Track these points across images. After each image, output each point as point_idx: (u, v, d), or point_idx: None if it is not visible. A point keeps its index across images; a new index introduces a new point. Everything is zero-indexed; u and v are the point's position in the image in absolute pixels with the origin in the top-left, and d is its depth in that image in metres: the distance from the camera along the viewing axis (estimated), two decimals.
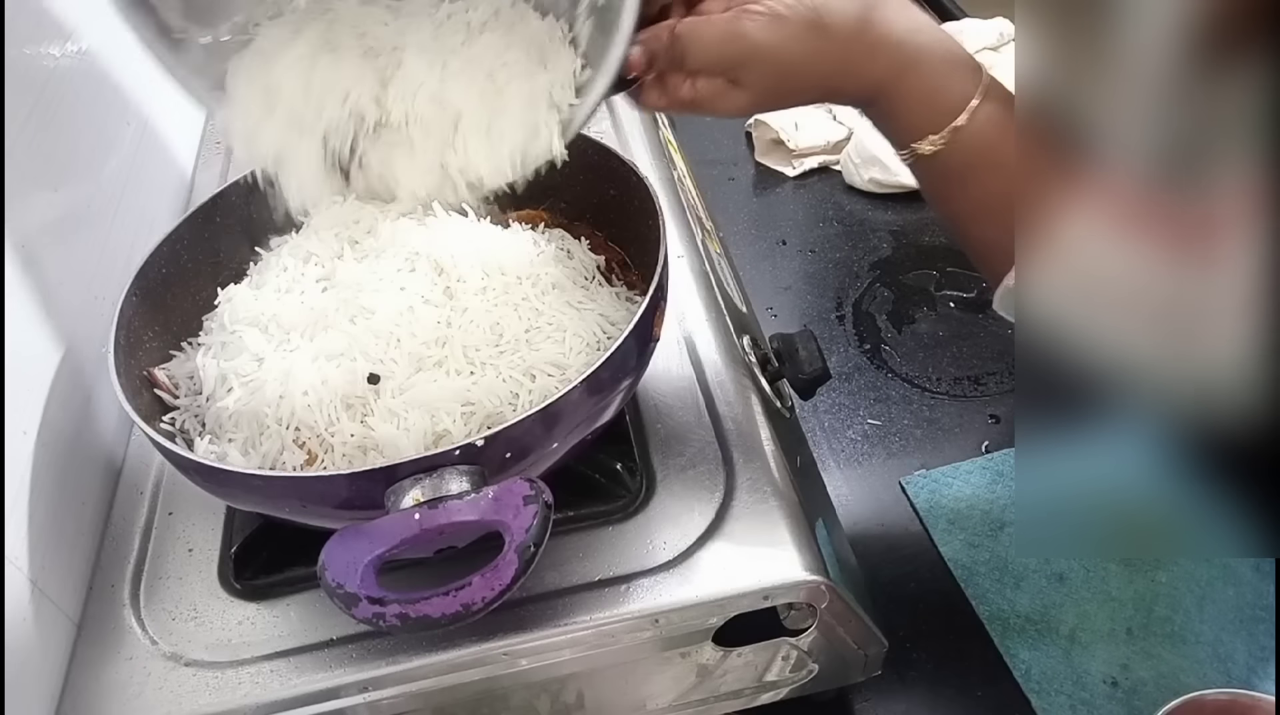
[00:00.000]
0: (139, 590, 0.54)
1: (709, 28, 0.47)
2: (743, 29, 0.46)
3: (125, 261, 0.55)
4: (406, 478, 0.42)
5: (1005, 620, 0.67)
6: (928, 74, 0.47)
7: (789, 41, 0.46)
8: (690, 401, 0.59)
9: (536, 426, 0.44)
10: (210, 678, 0.49)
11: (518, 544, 0.40)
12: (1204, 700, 0.51)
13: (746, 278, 0.81)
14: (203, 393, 0.53)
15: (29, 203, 0.57)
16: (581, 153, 0.60)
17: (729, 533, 0.52)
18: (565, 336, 0.51)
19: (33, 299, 0.56)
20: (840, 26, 0.46)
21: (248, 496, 0.48)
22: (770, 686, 0.59)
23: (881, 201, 1.07)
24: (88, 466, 0.59)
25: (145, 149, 0.77)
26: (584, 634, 0.50)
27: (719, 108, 0.49)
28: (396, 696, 0.50)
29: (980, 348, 0.90)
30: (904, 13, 0.48)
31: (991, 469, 0.78)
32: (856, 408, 0.85)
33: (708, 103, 0.49)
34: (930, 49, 0.48)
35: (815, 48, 0.46)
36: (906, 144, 0.50)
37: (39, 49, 0.62)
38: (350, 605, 0.40)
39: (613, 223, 0.61)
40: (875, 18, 0.47)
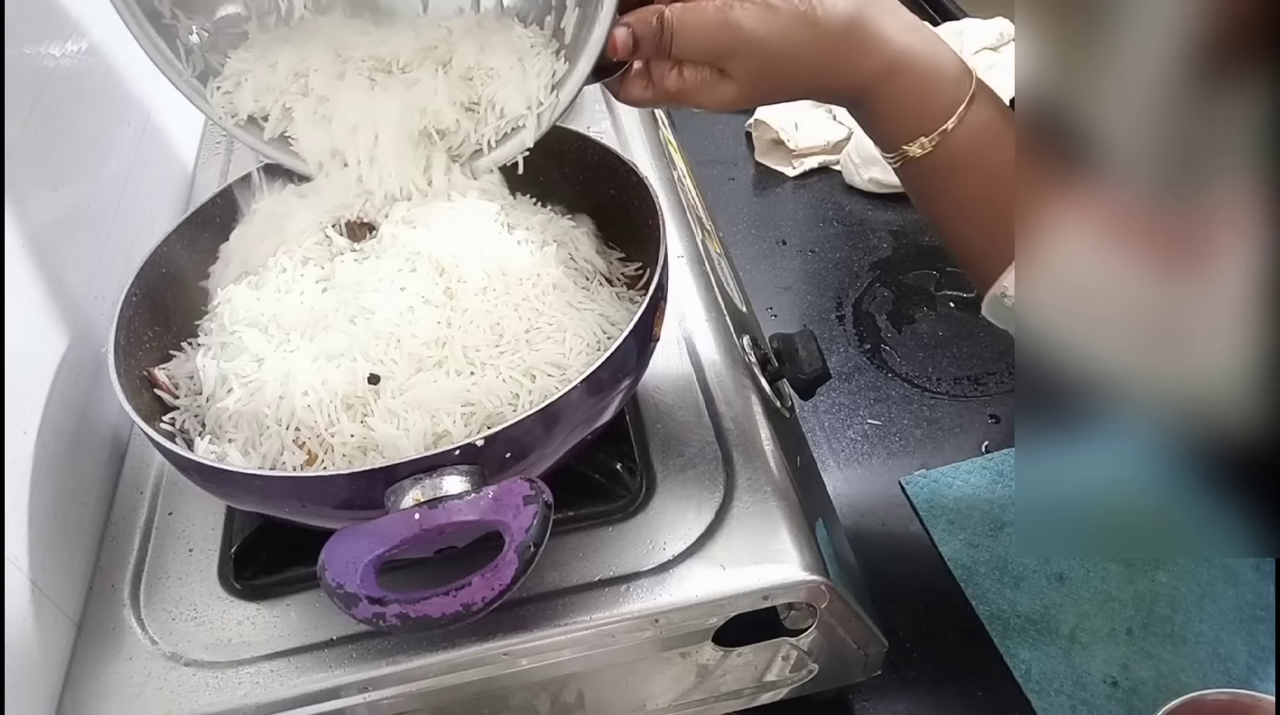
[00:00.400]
0: (139, 590, 0.54)
1: (700, 14, 0.46)
2: (734, 18, 0.46)
3: (125, 261, 0.55)
4: (406, 478, 0.42)
5: (1005, 620, 0.67)
6: (917, 75, 0.47)
7: (780, 33, 0.46)
8: (690, 401, 0.59)
9: (536, 426, 0.44)
10: (210, 678, 0.49)
11: (518, 544, 0.40)
12: (1204, 700, 0.51)
13: (746, 278, 0.81)
14: (203, 393, 0.53)
15: (29, 202, 0.57)
16: (581, 153, 0.60)
17: (729, 533, 0.52)
18: (565, 337, 0.51)
19: (33, 299, 0.56)
20: (832, 21, 0.46)
21: (248, 496, 0.48)
22: (770, 686, 0.59)
23: (881, 201, 1.07)
24: (88, 467, 0.59)
25: (145, 149, 0.77)
26: (584, 634, 0.50)
27: (705, 99, 0.49)
28: (396, 696, 0.50)
29: (980, 348, 0.90)
30: (896, 13, 0.48)
31: (991, 469, 0.78)
32: (856, 408, 0.85)
33: (694, 93, 0.49)
34: (920, 51, 0.47)
35: (806, 41, 0.46)
36: (894, 145, 0.49)
37: (39, 49, 0.62)
38: (350, 605, 0.40)
39: (613, 223, 0.61)
40: (868, 16, 0.46)
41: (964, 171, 0.49)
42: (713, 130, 1.19)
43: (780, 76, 0.48)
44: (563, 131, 0.57)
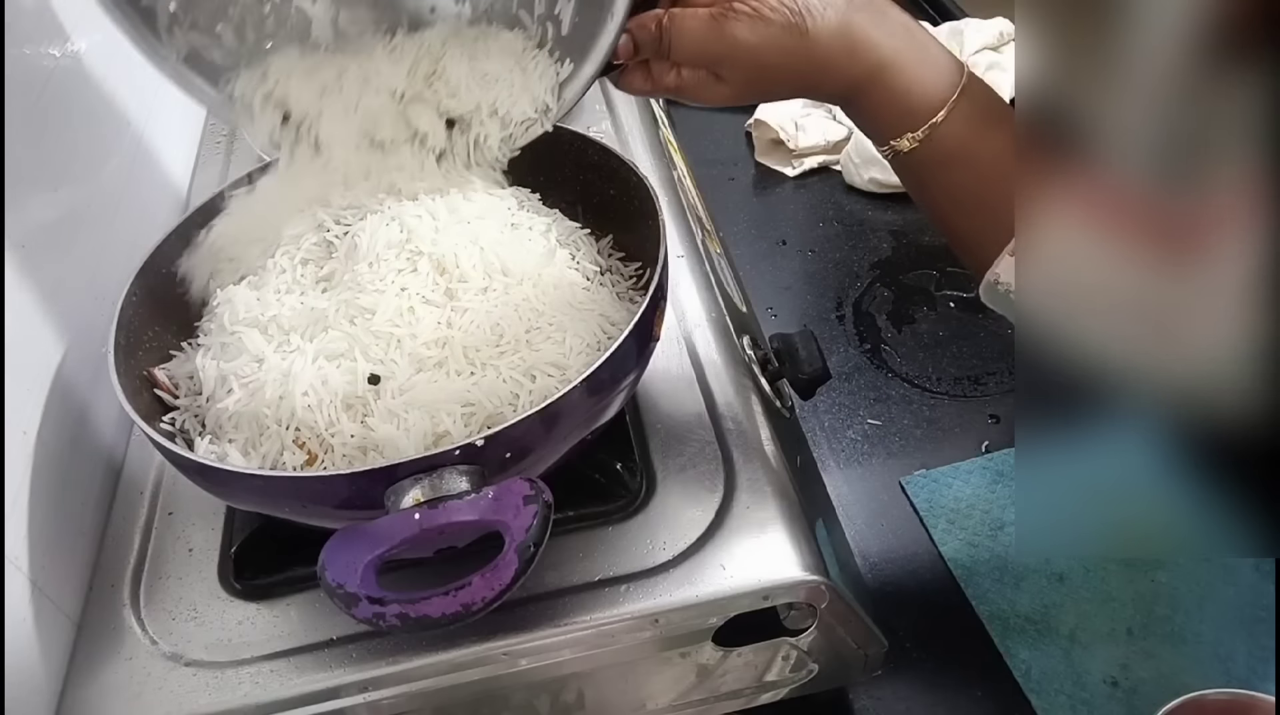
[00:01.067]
0: (139, 590, 0.54)
1: (694, 22, 0.49)
2: (728, 29, 0.48)
3: (125, 261, 0.55)
4: (406, 478, 0.42)
5: (1005, 620, 0.67)
6: (905, 74, 0.49)
7: (770, 42, 0.48)
8: (690, 401, 0.59)
9: (536, 426, 0.44)
10: (210, 678, 0.49)
11: (518, 544, 0.40)
12: (1204, 700, 0.51)
13: (746, 278, 0.81)
14: (203, 393, 0.53)
15: (29, 203, 0.57)
16: (581, 153, 0.60)
17: (729, 533, 0.52)
18: (565, 337, 0.51)
19: (33, 299, 0.56)
20: (821, 29, 0.48)
21: (248, 496, 0.48)
22: (770, 686, 0.59)
23: (881, 201, 1.07)
24: (88, 466, 0.59)
25: (145, 149, 0.77)
26: (584, 634, 0.50)
27: (701, 97, 0.52)
28: (396, 696, 0.50)
29: (980, 348, 0.90)
30: (885, 16, 0.49)
31: (991, 469, 0.78)
32: (856, 408, 0.85)
33: (690, 91, 0.52)
34: (908, 51, 0.49)
35: (795, 49, 0.48)
36: (883, 140, 0.51)
37: (39, 49, 0.62)
38: (350, 605, 0.40)
39: (613, 223, 0.61)
40: (856, 22, 0.48)
41: (956, 164, 0.50)
42: (713, 130, 1.19)
43: (771, 80, 0.51)
44: (563, 131, 0.57)
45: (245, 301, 0.54)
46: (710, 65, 0.50)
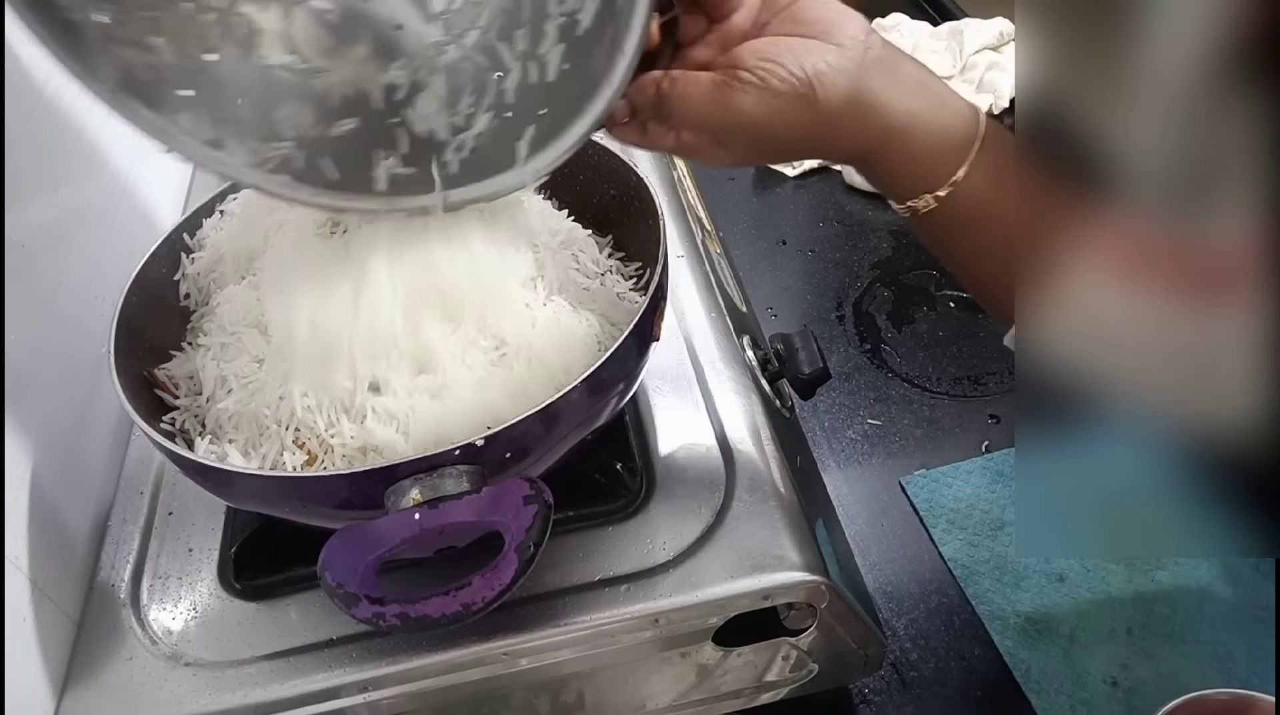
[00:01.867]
0: (139, 590, 0.54)
1: (697, 89, 0.45)
2: (735, 102, 0.44)
3: (125, 261, 0.55)
4: (406, 478, 0.42)
5: (1005, 620, 0.67)
6: (921, 136, 0.46)
7: (777, 115, 0.45)
8: (690, 401, 0.59)
9: (536, 426, 0.44)
10: (210, 678, 0.49)
11: (518, 544, 0.40)
12: (1204, 700, 0.51)
13: (746, 278, 0.81)
14: (203, 393, 0.53)
15: (29, 203, 0.57)
16: (581, 153, 0.60)
17: (729, 532, 0.52)
18: (565, 337, 0.51)
19: (32, 299, 0.56)
20: (831, 98, 0.44)
21: (248, 496, 0.48)
22: (770, 686, 0.59)
23: (881, 201, 1.06)
24: (88, 466, 0.59)
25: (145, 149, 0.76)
26: (584, 634, 0.50)
27: (701, 160, 0.49)
28: (396, 696, 0.50)
29: (980, 348, 0.90)
30: (898, 76, 0.46)
31: (991, 469, 0.78)
32: (856, 408, 0.85)
33: (689, 154, 0.48)
34: (923, 111, 0.46)
35: (803, 120, 0.45)
36: (903, 201, 0.49)
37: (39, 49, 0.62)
38: (350, 605, 0.40)
39: (613, 223, 0.61)
40: (867, 88, 0.45)
41: (977, 219, 0.48)
42: None
43: (776, 149, 0.48)
44: None
45: (245, 301, 0.54)
46: (713, 134, 0.47)
